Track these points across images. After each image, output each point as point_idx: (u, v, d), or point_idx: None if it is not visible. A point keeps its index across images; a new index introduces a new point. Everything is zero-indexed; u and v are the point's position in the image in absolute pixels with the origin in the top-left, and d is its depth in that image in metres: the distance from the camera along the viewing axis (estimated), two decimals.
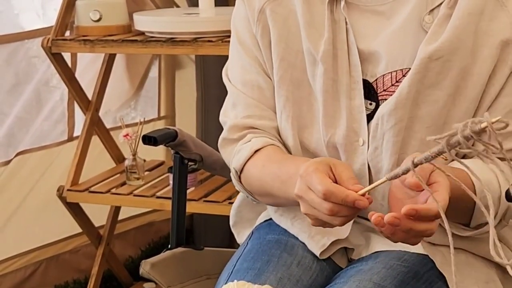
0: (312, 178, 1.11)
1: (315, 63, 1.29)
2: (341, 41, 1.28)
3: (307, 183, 1.11)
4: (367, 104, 1.29)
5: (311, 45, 1.29)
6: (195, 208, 2.28)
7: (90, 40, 2.27)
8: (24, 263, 2.62)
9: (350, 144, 1.28)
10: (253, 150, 1.32)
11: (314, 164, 1.13)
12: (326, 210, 1.09)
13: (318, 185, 1.09)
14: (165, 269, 1.49)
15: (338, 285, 1.25)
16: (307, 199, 1.12)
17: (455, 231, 1.26)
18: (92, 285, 2.53)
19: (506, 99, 1.24)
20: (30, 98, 2.61)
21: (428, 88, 1.24)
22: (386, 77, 1.27)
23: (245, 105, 1.37)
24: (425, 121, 1.25)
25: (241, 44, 1.38)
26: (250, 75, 1.36)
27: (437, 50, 1.22)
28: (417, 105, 1.24)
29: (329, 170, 1.13)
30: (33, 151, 2.59)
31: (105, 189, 2.41)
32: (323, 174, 1.11)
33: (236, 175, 1.36)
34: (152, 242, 2.97)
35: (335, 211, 1.09)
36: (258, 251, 1.34)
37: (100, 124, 2.56)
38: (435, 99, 1.24)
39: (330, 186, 1.09)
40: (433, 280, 1.27)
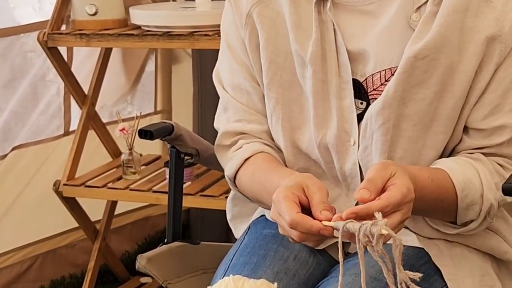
0: (281, 206, 1.13)
1: (304, 65, 1.29)
2: (329, 41, 1.28)
3: (278, 209, 1.14)
4: (358, 103, 1.29)
5: (299, 47, 1.29)
6: (191, 202, 2.28)
7: (86, 34, 2.26)
8: (20, 257, 2.62)
9: (341, 144, 1.29)
10: (243, 159, 1.35)
11: (285, 190, 1.14)
12: (295, 237, 1.13)
13: (285, 215, 1.12)
14: (162, 264, 1.49)
15: (335, 279, 1.25)
16: (280, 223, 1.15)
17: (443, 229, 1.28)
18: (88, 279, 2.53)
19: (492, 95, 1.24)
20: (26, 92, 2.60)
21: (415, 86, 1.24)
22: (375, 76, 1.27)
23: (235, 109, 1.38)
24: (412, 119, 1.25)
25: (229, 49, 1.38)
26: (238, 80, 1.38)
27: (422, 49, 1.22)
28: (404, 104, 1.24)
29: (301, 192, 1.14)
30: (29, 146, 2.58)
31: (101, 184, 2.41)
32: (291, 203, 1.12)
33: (231, 182, 1.39)
34: (148, 236, 2.97)
35: (303, 238, 1.13)
36: (255, 245, 1.34)
37: (96, 119, 2.56)
38: (421, 97, 1.24)
39: (295, 216, 1.11)
40: (429, 273, 1.27)
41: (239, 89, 1.38)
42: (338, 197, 1.35)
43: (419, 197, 1.14)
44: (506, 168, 1.26)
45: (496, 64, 1.23)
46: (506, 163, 1.26)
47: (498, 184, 1.23)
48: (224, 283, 1.13)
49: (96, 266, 2.56)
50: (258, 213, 1.47)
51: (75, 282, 2.71)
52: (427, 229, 1.31)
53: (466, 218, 1.25)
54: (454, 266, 1.29)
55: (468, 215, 1.25)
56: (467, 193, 1.23)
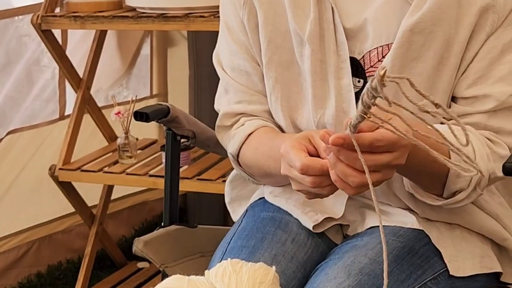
0: (290, 155, 1.13)
1: (302, 44, 1.29)
2: (327, 20, 1.27)
3: (287, 161, 1.14)
4: (356, 81, 1.28)
5: (297, 26, 1.28)
6: (188, 186, 2.27)
7: (81, 17, 2.24)
8: (17, 243, 2.61)
9: (339, 124, 1.27)
10: (246, 134, 1.34)
11: (292, 141, 1.15)
12: (309, 183, 1.11)
13: (295, 161, 1.11)
14: (159, 247, 1.48)
15: (333, 261, 1.24)
16: (291, 176, 1.14)
17: (429, 200, 1.25)
18: (85, 264, 2.52)
19: (478, 64, 1.23)
20: (20, 77, 2.58)
21: (412, 61, 1.23)
22: (372, 53, 1.26)
23: (235, 91, 1.38)
24: (410, 95, 1.23)
25: (228, 30, 1.38)
26: (238, 61, 1.37)
27: (419, 22, 1.21)
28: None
29: (308, 143, 1.14)
30: (24, 130, 2.57)
31: (97, 168, 2.39)
32: (299, 150, 1.12)
33: (234, 160, 1.38)
34: (145, 221, 2.96)
35: (317, 182, 1.11)
36: (253, 229, 1.33)
37: (91, 103, 2.54)
38: (419, 72, 1.23)
39: (305, 160, 1.10)
40: (429, 255, 1.26)
41: (238, 70, 1.37)
42: None
43: (413, 151, 1.10)
44: (494, 141, 1.23)
45: (487, 35, 1.22)
46: (493, 136, 1.24)
47: (489, 155, 1.21)
48: (222, 266, 1.12)
49: (93, 251, 2.55)
50: (257, 195, 1.46)
51: (72, 267, 2.71)
52: (427, 209, 1.30)
53: (455, 186, 1.20)
54: (454, 248, 1.28)
55: (458, 183, 1.20)
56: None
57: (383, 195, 1.32)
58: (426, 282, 1.23)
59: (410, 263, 1.23)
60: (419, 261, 1.24)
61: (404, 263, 1.23)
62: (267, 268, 1.12)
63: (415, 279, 1.22)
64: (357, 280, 1.17)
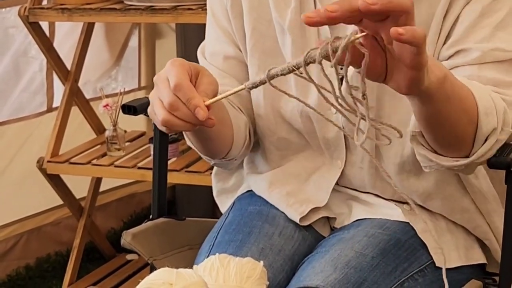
0: (173, 69, 1.07)
1: (283, 33, 1.29)
2: (308, 9, 1.27)
3: (167, 72, 1.08)
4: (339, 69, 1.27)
5: (278, 15, 1.29)
6: (177, 178, 2.27)
7: (68, 9, 2.23)
8: (5, 235, 2.61)
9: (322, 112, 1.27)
10: None
11: (183, 60, 1.11)
12: (168, 98, 1.06)
13: (174, 76, 1.06)
14: (147, 240, 1.48)
15: (320, 254, 1.24)
16: (159, 86, 1.08)
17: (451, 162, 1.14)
18: (74, 257, 2.52)
19: (458, 27, 1.19)
20: (8, 69, 2.58)
21: None
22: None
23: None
24: None
25: (213, 15, 1.38)
26: (220, 45, 1.37)
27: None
28: None
29: (193, 75, 1.09)
30: (11, 123, 2.56)
31: (85, 160, 2.39)
32: (185, 71, 1.08)
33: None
34: (134, 213, 2.96)
35: (175, 106, 1.05)
36: (240, 222, 1.34)
37: (79, 95, 2.53)
38: None
39: (184, 81, 1.06)
40: (415, 247, 1.27)
41: (217, 54, 1.37)
42: (321, 166, 1.34)
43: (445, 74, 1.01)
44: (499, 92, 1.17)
45: (466, 1, 1.20)
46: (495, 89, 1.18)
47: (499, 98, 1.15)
48: (210, 262, 1.12)
49: (81, 244, 2.55)
50: (244, 188, 1.46)
51: (60, 259, 2.71)
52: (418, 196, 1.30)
53: (488, 126, 1.11)
54: (439, 240, 1.29)
55: (490, 122, 1.11)
56: (480, 95, 1.10)
57: (371, 185, 1.32)
58: (412, 275, 1.24)
59: (396, 255, 1.24)
60: (405, 254, 1.25)
61: (391, 255, 1.23)
62: (255, 263, 1.12)
63: (401, 272, 1.23)
64: (343, 274, 1.18)
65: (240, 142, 1.33)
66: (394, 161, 1.28)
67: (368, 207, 1.33)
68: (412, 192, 1.30)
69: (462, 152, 1.13)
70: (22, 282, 2.62)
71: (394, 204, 1.32)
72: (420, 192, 1.29)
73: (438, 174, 1.28)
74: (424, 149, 1.14)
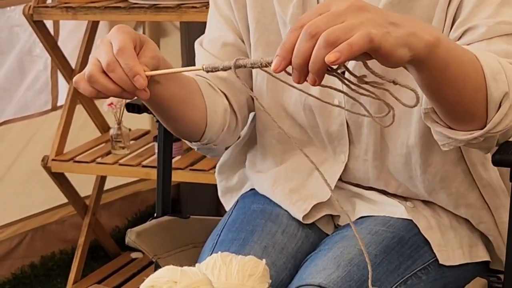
0: (119, 35, 1.06)
1: (286, 27, 1.29)
2: (311, 5, 1.27)
3: (112, 36, 1.07)
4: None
5: (280, 8, 1.28)
6: (181, 177, 2.27)
7: (72, 7, 2.24)
8: (10, 234, 2.61)
9: (324, 106, 1.27)
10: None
11: (131, 29, 1.09)
12: (107, 59, 1.04)
13: (119, 41, 1.05)
14: (151, 238, 1.48)
15: (323, 252, 1.24)
16: (100, 47, 1.07)
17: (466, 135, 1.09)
18: (79, 255, 2.52)
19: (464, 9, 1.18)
20: (12, 67, 2.58)
21: None
22: None
23: (202, 58, 1.35)
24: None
25: (215, 5, 1.38)
26: (220, 32, 1.36)
27: None
28: None
29: (138, 45, 1.08)
30: (16, 121, 2.57)
31: (90, 159, 2.40)
32: (130, 38, 1.06)
33: None
34: (138, 212, 2.96)
35: (112, 67, 1.04)
36: (243, 221, 1.33)
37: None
38: None
39: (128, 47, 1.05)
40: (418, 245, 1.26)
41: (215, 41, 1.35)
42: (324, 161, 1.34)
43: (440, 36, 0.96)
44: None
45: None
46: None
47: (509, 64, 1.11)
48: (212, 260, 1.12)
49: (86, 242, 2.56)
50: (248, 187, 1.46)
51: (65, 257, 2.71)
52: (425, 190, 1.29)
53: (498, 90, 1.05)
54: (443, 237, 1.29)
55: (500, 86, 1.05)
56: (487, 60, 1.05)
57: (376, 178, 1.32)
58: (416, 272, 1.24)
59: (400, 253, 1.24)
60: (409, 251, 1.25)
61: (394, 253, 1.23)
62: (257, 261, 1.12)
63: (405, 269, 1.23)
64: (346, 271, 1.18)
65: (216, 126, 1.31)
66: (400, 151, 1.27)
67: (372, 204, 1.33)
68: (418, 185, 1.30)
69: (476, 123, 1.07)
70: (27, 280, 2.63)
71: (397, 201, 1.32)
72: (426, 185, 1.29)
73: (445, 168, 1.28)
74: (439, 126, 1.10)
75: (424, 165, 1.27)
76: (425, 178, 1.28)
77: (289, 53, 0.90)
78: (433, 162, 1.27)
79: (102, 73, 1.06)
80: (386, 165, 1.30)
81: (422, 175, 1.28)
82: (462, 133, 1.08)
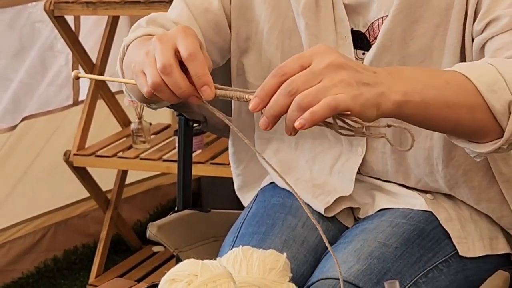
0: (187, 38, 0.99)
1: (299, 17, 1.28)
2: None
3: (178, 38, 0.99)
4: (360, 54, 1.27)
5: None
6: (202, 170, 2.28)
7: (93, 2, 2.25)
8: (33, 228, 2.63)
9: None
10: (147, 33, 1.21)
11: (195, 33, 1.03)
12: (165, 60, 0.97)
13: (189, 45, 0.98)
14: (172, 232, 1.48)
15: (343, 245, 1.24)
16: (160, 45, 0.99)
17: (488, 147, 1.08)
18: (101, 249, 2.54)
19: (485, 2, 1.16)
20: (34, 63, 2.60)
21: (413, 24, 1.21)
22: (374, 24, 1.25)
23: (180, 13, 1.30)
24: (418, 57, 1.22)
25: None
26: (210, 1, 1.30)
27: None
28: (406, 44, 1.22)
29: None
30: (38, 116, 2.59)
31: (111, 153, 2.41)
32: (198, 44, 1.00)
33: (122, 52, 1.24)
34: (160, 205, 2.98)
35: (168, 70, 0.98)
36: (263, 215, 1.33)
37: (105, 88, 2.55)
38: (422, 32, 1.21)
39: (199, 54, 0.98)
40: (439, 237, 1.26)
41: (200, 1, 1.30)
42: (340, 154, 1.33)
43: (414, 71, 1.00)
44: None
45: None
46: None
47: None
48: (233, 254, 1.12)
49: (108, 236, 2.57)
50: (267, 180, 1.46)
51: (87, 251, 2.73)
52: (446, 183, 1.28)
53: (500, 101, 1.03)
54: (463, 230, 1.28)
55: (501, 97, 1.03)
56: (480, 74, 1.04)
57: (394, 171, 1.31)
58: (437, 265, 1.23)
59: (420, 245, 1.23)
60: (429, 244, 1.24)
61: (415, 245, 1.23)
62: (278, 255, 1.12)
63: (425, 262, 1.22)
64: (366, 264, 1.17)
65: None
66: (423, 145, 1.26)
67: (392, 196, 1.32)
68: (439, 180, 1.29)
69: (493, 134, 1.06)
70: (50, 274, 2.65)
71: (417, 193, 1.31)
72: (448, 179, 1.28)
73: (467, 162, 1.27)
74: (462, 142, 1.10)
75: (447, 158, 1.26)
76: (446, 172, 1.27)
77: (268, 97, 0.95)
78: (456, 155, 1.26)
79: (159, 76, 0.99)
80: (406, 158, 1.29)
81: (444, 169, 1.27)
82: (484, 145, 1.08)
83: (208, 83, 1.00)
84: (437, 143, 1.25)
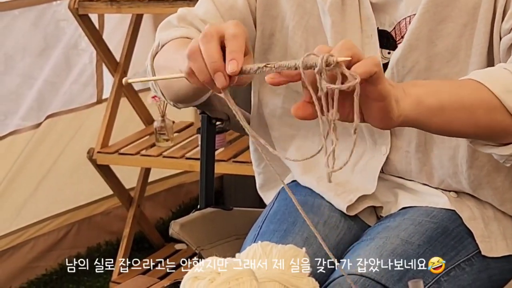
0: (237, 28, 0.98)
1: (324, 14, 1.28)
2: None
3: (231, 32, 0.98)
4: (386, 53, 1.27)
5: None
6: (224, 168, 2.28)
7: (117, 1, 2.26)
8: (57, 225, 2.65)
9: None
10: (185, 35, 1.23)
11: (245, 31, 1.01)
12: (207, 31, 0.97)
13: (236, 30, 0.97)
14: (194, 230, 1.49)
15: (365, 242, 1.24)
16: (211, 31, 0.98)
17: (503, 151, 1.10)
18: (124, 246, 2.55)
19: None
20: (58, 61, 2.62)
21: (440, 23, 1.21)
22: (401, 23, 1.25)
23: (206, 10, 1.30)
24: (445, 57, 1.22)
25: None
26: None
27: None
28: (432, 43, 1.22)
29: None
30: (62, 114, 2.61)
31: (134, 151, 2.42)
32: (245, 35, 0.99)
33: (155, 49, 1.26)
34: (182, 203, 2.98)
35: (209, 38, 0.96)
36: (284, 212, 1.33)
37: (128, 86, 2.56)
38: (449, 31, 1.21)
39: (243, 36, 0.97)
40: (462, 236, 1.25)
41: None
42: (363, 152, 1.33)
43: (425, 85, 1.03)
44: None
45: None
46: None
47: None
48: (253, 249, 1.12)
49: (131, 233, 2.59)
50: (289, 178, 1.45)
51: (111, 249, 2.75)
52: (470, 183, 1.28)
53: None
54: (486, 228, 1.27)
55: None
56: (495, 77, 1.06)
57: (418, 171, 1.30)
58: (459, 263, 1.23)
59: (443, 244, 1.23)
60: (452, 242, 1.24)
61: (437, 244, 1.22)
62: (297, 250, 1.12)
63: (448, 260, 1.21)
64: (388, 261, 1.17)
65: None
66: (449, 144, 1.26)
67: (415, 195, 1.32)
68: (462, 181, 1.28)
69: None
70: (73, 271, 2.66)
71: (440, 191, 1.30)
72: (471, 180, 1.27)
73: (491, 162, 1.26)
74: (488, 147, 1.11)
75: (471, 158, 1.26)
76: (470, 173, 1.27)
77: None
78: (480, 155, 1.25)
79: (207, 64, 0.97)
80: (431, 158, 1.28)
81: (468, 170, 1.26)
82: (507, 147, 1.09)
83: (237, 59, 0.96)
84: (462, 141, 1.25)
